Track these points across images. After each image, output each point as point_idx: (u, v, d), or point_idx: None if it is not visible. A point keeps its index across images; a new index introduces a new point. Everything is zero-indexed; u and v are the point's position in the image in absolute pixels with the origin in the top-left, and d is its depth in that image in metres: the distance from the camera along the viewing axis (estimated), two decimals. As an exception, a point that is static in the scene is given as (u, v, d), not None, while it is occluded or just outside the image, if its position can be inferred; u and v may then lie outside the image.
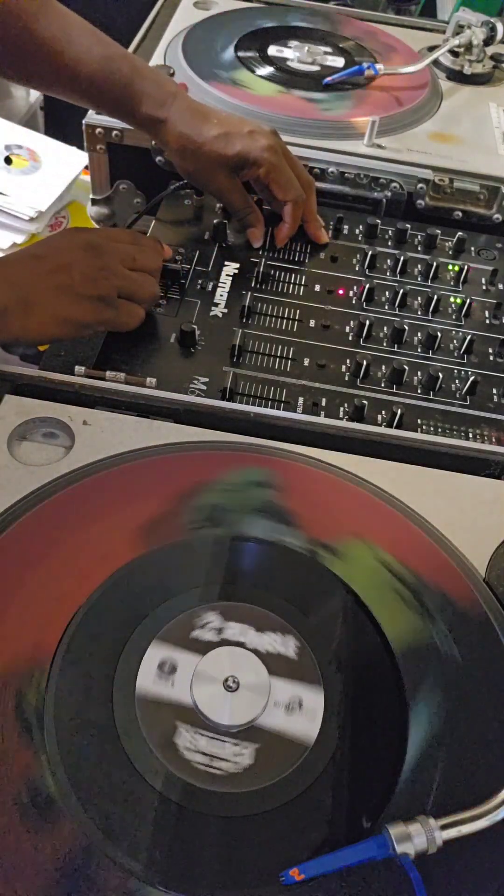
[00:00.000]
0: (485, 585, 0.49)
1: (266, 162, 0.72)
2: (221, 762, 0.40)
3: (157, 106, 0.71)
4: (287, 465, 0.55)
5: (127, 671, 0.43)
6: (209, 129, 0.71)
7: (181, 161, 0.74)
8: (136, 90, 0.71)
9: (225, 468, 0.54)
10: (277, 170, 0.73)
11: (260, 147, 0.72)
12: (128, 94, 0.71)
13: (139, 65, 0.72)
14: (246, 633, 0.45)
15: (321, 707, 0.43)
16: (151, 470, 0.53)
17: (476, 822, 0.37)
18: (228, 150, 0.71)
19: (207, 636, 0.45)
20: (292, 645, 0.45)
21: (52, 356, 0.63)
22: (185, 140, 0.71)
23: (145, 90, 0.71)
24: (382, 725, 0.43)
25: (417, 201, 0.83)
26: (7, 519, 0.49)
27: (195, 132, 0.71)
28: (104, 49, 0.70)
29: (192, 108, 0.72)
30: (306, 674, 0.44)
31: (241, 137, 0.72)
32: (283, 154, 0.74)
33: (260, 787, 0.40)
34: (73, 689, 0.42)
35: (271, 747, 0.41)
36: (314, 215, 0.77)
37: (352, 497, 0.54)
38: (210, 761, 0.40)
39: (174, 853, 0.38)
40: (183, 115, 0.71)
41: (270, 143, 0.72)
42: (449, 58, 1.00)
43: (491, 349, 0.70)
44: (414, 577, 0.49)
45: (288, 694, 0.43)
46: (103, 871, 0.36)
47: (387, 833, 0.36)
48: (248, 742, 0.41)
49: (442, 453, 0.57)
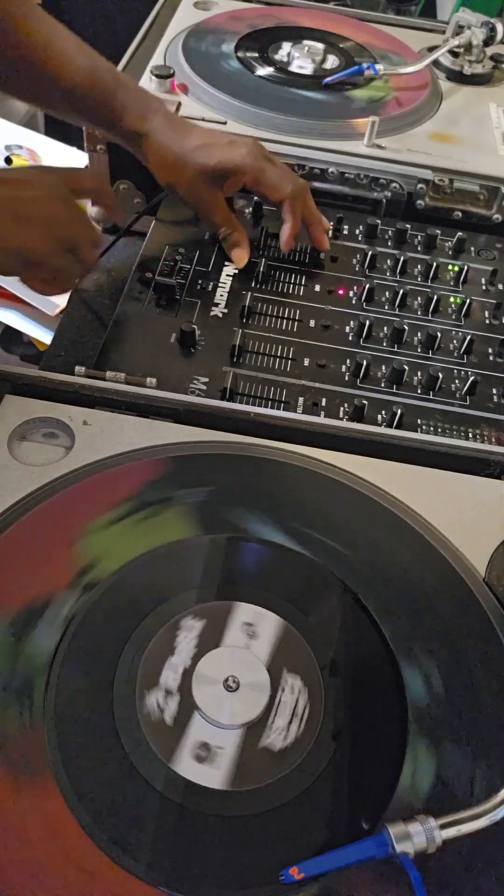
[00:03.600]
0: (485, 585, 0.49)
1: (249, 167, 0.71)
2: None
3: (139, 119, 0.70)
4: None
5: (127, 671, 0.43)
6: (190, 140, 0.71)
7: (162, 173, 0.73)
8: (118, 103, 0.70)
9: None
10: (263, 172, 0.71)
11: (240, 154, 0.71)
12: (110, 106, 0.70)
13: (122, 78, 0.72)
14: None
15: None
16: (152, 470, 0.53)
17: (476, 822, 0.37)
18: (209, 159, 0.70)
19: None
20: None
21: (53, 356, 0.63)
22: (165, 151, 0.71)
23: (128, 103, 0.70)
24: (382, 725, 0.43)
25: (417, 201, 0.83)
26: (7, 519, 0.49)
27: (176, 144, 0.70)
28: (88, 61, 0.69)
29: (172, 121, 0.72)
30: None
31: (220, 147, 0.71)
32: (267, 158, 0.73)
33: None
34: (74, 689, 0.42)
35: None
36: (315, 216, 0.75)
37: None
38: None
39: (175, 853, 0.38)
40: (164, 127, 0.71)
41: (251, 150, 0.71)
42: (449, 58, 0.99)
43: (491, 349, 0.70)
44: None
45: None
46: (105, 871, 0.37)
47: (386, 832, 0.36)
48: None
49: (442, 453, 0.57)
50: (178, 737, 0.41)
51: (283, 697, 0.43)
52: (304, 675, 0.44)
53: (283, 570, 0.49)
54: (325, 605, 0.48)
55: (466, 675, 0.45)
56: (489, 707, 0.44)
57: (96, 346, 0.64)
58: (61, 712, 0.41)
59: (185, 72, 0.89)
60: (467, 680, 0.45)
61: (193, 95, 0.87)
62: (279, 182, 0.72)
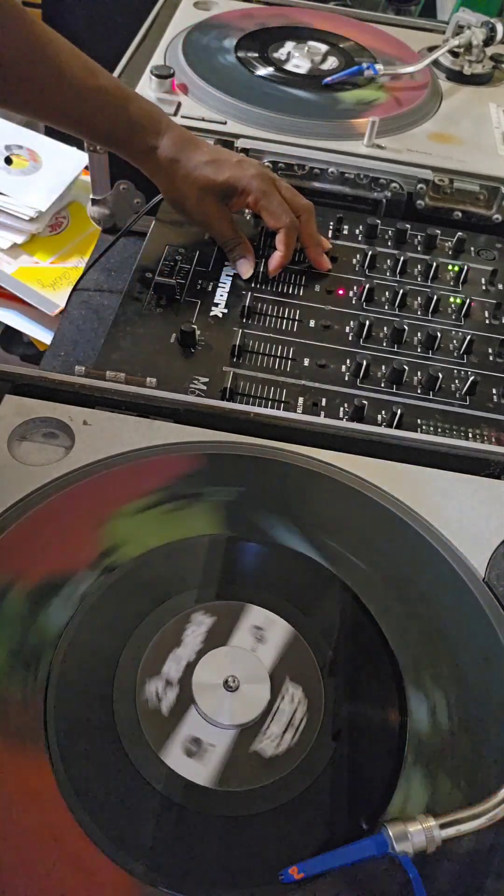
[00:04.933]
0: (485, 585, 0.49)
1: (255, 189, 0.72)
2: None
3: (150, 135, 0.71)
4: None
5: (128, 671, 0.43)
6: (199, 155, 0.71)
7: (170, 189, 0.73)
8: (128, 119, 0.70)
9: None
10: (267, 196, 0.72)
11: (249, 175, 0.72)
12: (120, 123, 0.70)
13: (131, 94, 0.72)
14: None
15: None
16: (152, 470, 0.53)
17: (475, 821, 0.37)
18: (218, 176, 0.71)
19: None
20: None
21: (53, 356, 0.63)
22: (175, 166, 0.71)
23: (138, 119, 0.70)
24: (382, 725, 0.43)
25: (417, 201, 0.83)
26: (7, 519, 0.49)
27: (185, 158, 0.71)
28: (96, 80, 0.69)
29: (182, 137, 0.72)
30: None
31: (230, 165, 0.72)
32: (274, 182, 0.74)
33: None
34: (74, 689, 0.42)
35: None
36: (314, 239, 0.76)
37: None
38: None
39: (175, 853, 0.38)
40: (174, 142, 0.71)
41: (259, 172, 0.72)
42: (449, 58, 1.00)
43: (491, 349, 0.70)
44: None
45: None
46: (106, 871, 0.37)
47: (386, 832, 0.36)
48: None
49: (442, 453, 0.57)
50: (172, 728, 0.41)
51: (281, 705, 0.43)
52: (307, 687, 0.44)
53: (296, 576, 0.49)
54: (325, 605, 0.48)
55: (466, 675, 0.45)
56: (489, 707, 0.44)
57: (96, 346, 0.64)
58: (62, 686, 0.42)
59: (185, 72, 0.89)
60: (467, 680, 0.45)
61: (193, 95, 0.87)
62: (278, 211, 0.73)
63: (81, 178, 1.08)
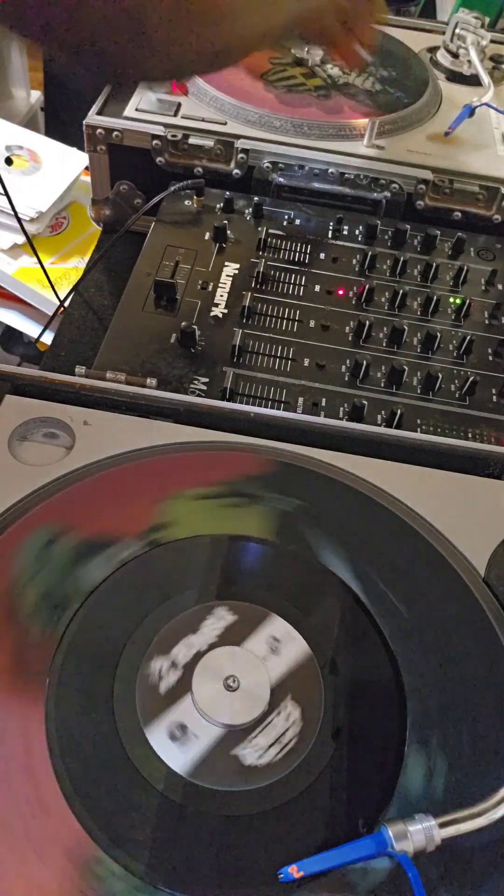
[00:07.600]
0: (485, 585, 0.49)
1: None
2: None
3: None
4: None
5: (127, 670, 0.43)
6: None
7: None
8: None
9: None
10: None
11: None
12: None
13: None
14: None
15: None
16: (151, 470, 0.53)
17: (474, 821, 0.37)
18: None
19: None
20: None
21: (53, 356, 0.63)
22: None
23: None
24: (382, 725, 0.43)
25: (417, 202, 0.83)
26: (7, 519, 0.49)
27: None
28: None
29: None
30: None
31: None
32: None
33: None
34: (74, 689, 0.42)
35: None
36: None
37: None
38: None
39: (175, 853, 0.38)
40: None
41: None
42: (449, 58, 1.00)
43: (490, 349, 0.70)
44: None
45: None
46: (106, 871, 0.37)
47: (385, 831, 0.37)
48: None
49: (442, 453, 0.58)
50: (163, 708, 0.42)
51: (275, 720, 0.42)
52: (306, 709, 0.43)
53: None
54: (325, 605, 0.48)
55: (466, 674, 0.45)
56: (489, 707, 0.44)
57: (96, 346, 0.64)
58: (78, 637, 0.44)
59: (185, 72, 0.89)
60: (467, 679, 0.45)
61: (193, 95, 0.87)
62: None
63: (82, 178, 1.08)
